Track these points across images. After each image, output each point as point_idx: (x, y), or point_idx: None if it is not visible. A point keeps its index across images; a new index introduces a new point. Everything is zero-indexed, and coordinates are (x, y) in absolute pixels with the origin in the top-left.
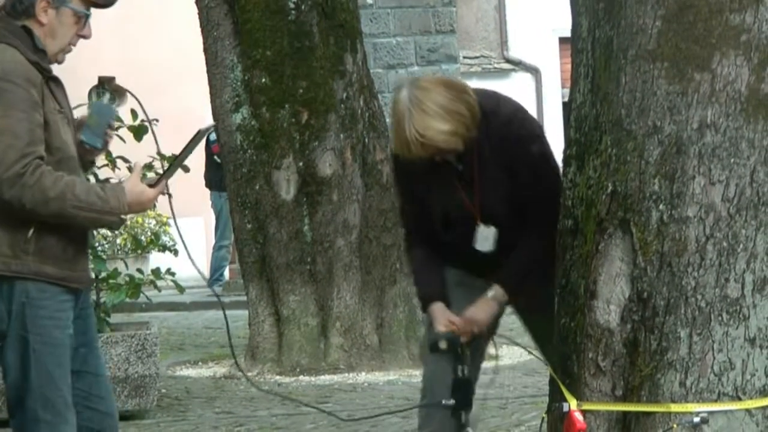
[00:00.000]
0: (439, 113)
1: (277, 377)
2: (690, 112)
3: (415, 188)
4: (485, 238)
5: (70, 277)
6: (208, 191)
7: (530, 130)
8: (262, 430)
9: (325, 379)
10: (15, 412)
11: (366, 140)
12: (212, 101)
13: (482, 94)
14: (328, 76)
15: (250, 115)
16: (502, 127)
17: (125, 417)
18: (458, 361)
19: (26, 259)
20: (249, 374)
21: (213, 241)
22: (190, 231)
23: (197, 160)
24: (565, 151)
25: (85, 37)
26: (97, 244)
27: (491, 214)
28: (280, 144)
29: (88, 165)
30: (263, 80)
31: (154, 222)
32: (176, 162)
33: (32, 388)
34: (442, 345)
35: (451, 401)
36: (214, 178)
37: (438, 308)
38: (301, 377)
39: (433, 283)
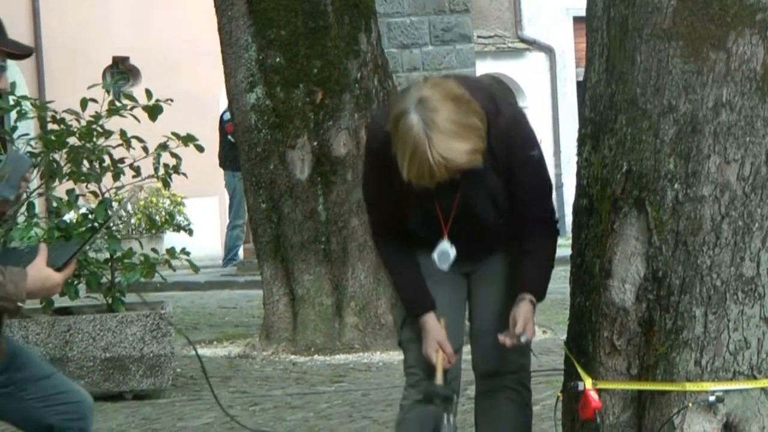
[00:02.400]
0: (458, 132)
1: (292, 357)
2: (705, 91)
3: (388, 193)
4: (446, 256)
5: None
6: (221, 171)
7: (532, 134)
8: (277, 410)
9: (340, 358)
10: None
11: None
12: (226, 81)
13: (481, 94)
14: (342, 55)
15: (265, 95)
16: (506, 130)
17: (140, 396)
18: (447, 409)
19: None
20: (264, 353)
21: (227, 221)
22: (204, 211)
23: (211, 139)
24: (579, 131)
25: (0, 91)
26: (111, 224)
27: (475, 213)
28: (294, 124)
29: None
30: (277, 60)
31: (168, 202)
32: (86, 241)
33: None
34: (437, 402)
35: None
36: (228, 158)
37: (432, 324)
38: (315, 357)
39: (421, 289)
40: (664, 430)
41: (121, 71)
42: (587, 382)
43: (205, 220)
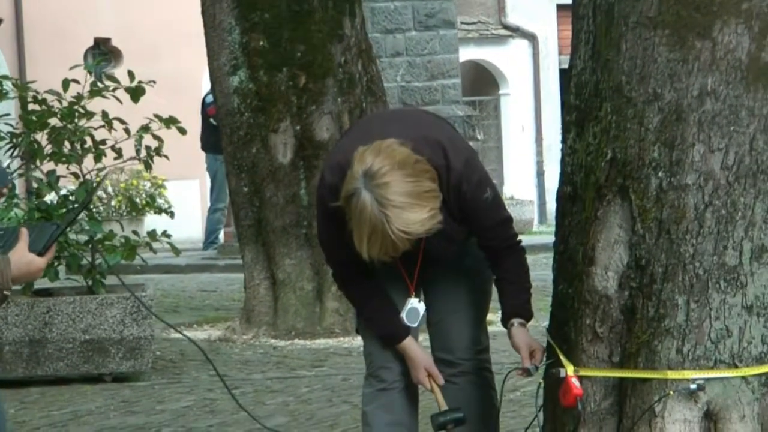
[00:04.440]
0: (413, 203)
1: (272, 341)
2: (690, 79)
3: (346, 243)
4: (416, 313)
5: None
6: (203, 154)
7: (483, 178)
8: (258, 393)
9: (321, 343)
10: None
11: (364, 104)
12: (210, 64)
13: (428, 148)
14: (326, 39)
15: (248, 78)
16: (458, 184)
17: (120, 379)
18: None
19: None
20: (244, 337)
21: (208, 204)
22: (185, 194)
23: (192, 122)
24: (564, 117)
25: None
26: (92, 206)
27: (436, 256)
28: (277, 107)
29: None
30: (261, 43)
31: (149, 184)
32: (68, 223)
33: None
34: (450, 427)
35: None
36: (210, 141)
37: (413, 350)
38: (296, 341)
39: (393, 319)
40: (645, 418)
41: (103, 52)
42: (569, 369)
43: (186, 203)
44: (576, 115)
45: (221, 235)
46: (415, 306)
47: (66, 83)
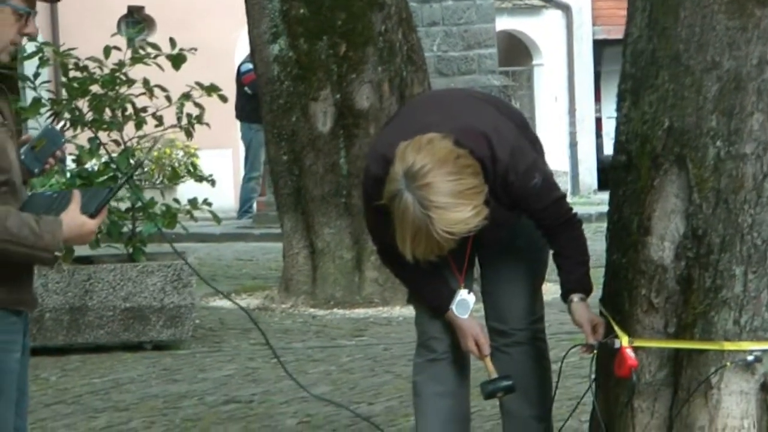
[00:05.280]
0: (457, 202)
1: (311, 310)
2: (750, 47)
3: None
4: (465, 305)
5: (20, 300)
6: (236, 123)
7: (527, 162)
8: (299, 362)
9: (360, 312)
10: None
11: (404, 73)
12: (250, 32)
13: (473, 140)
14: (366, 8)
15: (288, 46)
16: (504, 175)
17: (160, 347)
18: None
19: None
20: (283, 306)
21: (242, 173)
22: (218, 162)
23: (225, 90)
24: (619, 86)
25: (30, 35)
26: (138, 172)
27: (488, 243)
28: (317, 76)
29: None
30: (301, 11)
31: (182, 153)
32: (119, 186)
33: None
34: (500, 394)
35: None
36: (245, 110)
37: (461, 319)
38: (335, 310)
39: (441, 290)
40: (701, 389)
41: (137, 21)
42: (624, 340)
43: (219, 172)
44: (631, 83)
45: (254, 205)
46: (464, 298)
47: (107, 50)
